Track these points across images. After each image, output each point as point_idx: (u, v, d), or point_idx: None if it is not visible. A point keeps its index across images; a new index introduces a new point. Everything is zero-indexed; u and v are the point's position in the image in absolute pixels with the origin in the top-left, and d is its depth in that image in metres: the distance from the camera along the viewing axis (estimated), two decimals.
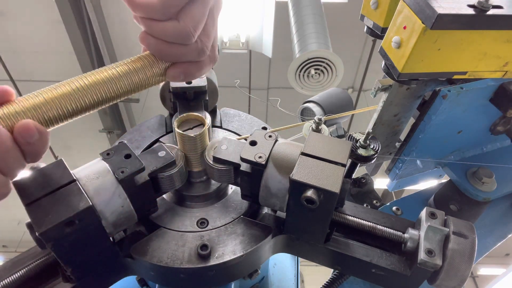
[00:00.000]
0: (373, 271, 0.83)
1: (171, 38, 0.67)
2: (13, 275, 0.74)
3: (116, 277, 0.85)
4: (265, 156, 0.78)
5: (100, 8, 5.80)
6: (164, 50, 0.69)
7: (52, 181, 0.69)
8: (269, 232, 0.84)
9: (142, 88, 0.72)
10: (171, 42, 0.68)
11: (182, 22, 0.65)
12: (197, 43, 0.70)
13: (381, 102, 1.14)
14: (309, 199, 0.71)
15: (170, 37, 0.67)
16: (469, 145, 1.25)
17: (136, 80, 0.70)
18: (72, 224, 0.65)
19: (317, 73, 4.15)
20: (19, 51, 6.26)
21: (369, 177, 1.40)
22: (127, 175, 0.73)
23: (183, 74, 0.73)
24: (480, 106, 1.09)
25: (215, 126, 1.10)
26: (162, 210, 0.89)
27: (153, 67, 0.71)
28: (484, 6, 0.74)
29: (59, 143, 7.66)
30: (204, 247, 0.79)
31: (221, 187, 0.95)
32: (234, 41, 5.41)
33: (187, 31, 0.66)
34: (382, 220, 0.85)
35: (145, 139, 1.04)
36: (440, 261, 0.73)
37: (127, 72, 0.69)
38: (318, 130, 1.02)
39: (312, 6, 4.38)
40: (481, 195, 1.14)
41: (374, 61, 6.18)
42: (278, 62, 6.37)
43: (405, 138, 1.18)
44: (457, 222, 0.77)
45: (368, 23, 1.09)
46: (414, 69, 0.84)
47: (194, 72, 0.75)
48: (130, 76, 0.69)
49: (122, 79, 0.68)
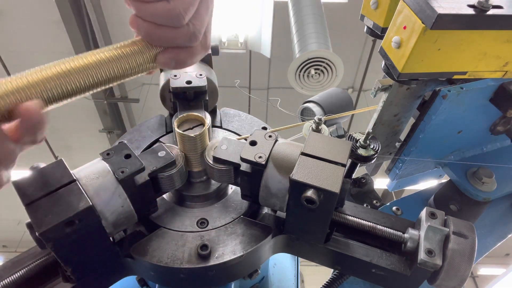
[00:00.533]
0: (373, 271, 0.83)
1: (160, 19, 0.66)
2: (13, 275, 0.74)
3: (116, 277, 0.85)
4: (265, 156, 0.78)
5: (100, 8, 5.80)
6: (154, 32, 0.67)
7: (52, 181, 0.69)
8: (269, 232, 0.84)
9: (131, 75, 0.70)
10: (161, 25, 0.66)
11: (172, 2, 0.64)
12: (188, 26, 0.68)
13: (381, 102, 1.14)
14: (309, 199, 0.70)
15: (160, 18, 0.65)
16: (469, 145, 1.25)
17: (125, 66, 0.67)
18: (72, 224, 0.65)
19: (317, 73, 4.15)
20: (19, 51, 6.26)
21: (369, 177, 1.40)
22: (127, 175, 0.73)
23: (174, 61, 0.71)
24: (480, 106, 1.09)
25: (215, 126, 1.10)
26: (162, 210, 0.89)
27: (143, 53, 0.69)
28: (484, 6, 0.74)
29: (59, 143, 7.65)
30: (204, 247, 0.79)
31: (221, 187, 0.95)
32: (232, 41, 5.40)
33: (177, 12, 0.64)
34: (382, 220, 0.85)
35: (145, 139, 1.04)
36: (440, 261, 0.73)
37: (116, 57, 0.66)
38: (318, 130, 1.02)
39: (312, 6, 4.38)
40: (481, 195, 1.14)
41: (374, 61, 6.18)
42: (278, 62, 6.36)
43: (405, 138, 1.18)
44: (457, 222, 0.77)
45: (368, 23, 1.09)
46: (414, 69, 0.84)
47: (185, 59, 0.73)
48: (119, 62, 0.67)
49: (109, 64, 0.66)
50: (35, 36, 6.04)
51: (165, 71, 1.11)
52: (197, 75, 1.01)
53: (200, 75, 1.01)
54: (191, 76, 1.01)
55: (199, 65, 1.11)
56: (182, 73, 1.02)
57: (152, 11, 0.65)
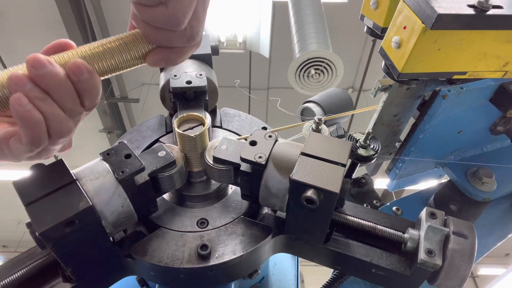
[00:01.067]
0: (373, 271, 0.83)
1: (160, 24, 0.66)
2: (13, 275, 0.74)
3: (116, 277, 0.85)
4: (265, 156, 0.78)
5: (100, 8, 5.81)
6: (152, 34, 0.68)
7: (52, 181, 0.69)
8: (269, 232, 0.84)
9: (121, 70, 0.70)
10: (160, 28, 0.67)
11: (171, 7, 0.64)
12: (186, 29, 0.68)
13: (381, 102, 1.14)
14: (309, 199, 0.70)
15: (159, 23, 0.66)
16: (469, 145, 1.24)
17: (115, 61, 0.68)
18: (72, 224, 0.65)
19: (317, 73, 4.15)
20: (19, 51, 6.26)
21: (369, 177, 1.40)
22: (127, 175, 0.73)
23: (163, 61, 0.72)
24: (480, 106, 1.09)
25: (215, 126, 1.10)
26: (162, 210, 0.89)
27: (133, 49, 0.69)
28: (484, 6, 0.74)
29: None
30: (204, 247, 0.79)
31: (221, 187, 0.95)
32: (231, 41, 5.39)
33: (176, 18, 0.64)
34: (382, 220, 0.85)
35: (145, 139, 1.04)
36: (440, 261, 0.73)
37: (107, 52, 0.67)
38: (318, 130, 1.02)
39: (312, 6, 4.38)
40: (481, 195, 1.14)
41: (374, 61, 6.18)
42: (278, 62, 6.37)
43: (405, 138, 1.18)
44: (457, 222, 0.77)
45: (368, 23, 1.09)
46: (414, 69, 0.84)
47: (176, 58, 0.73)
48: (109, 57, 0.67)
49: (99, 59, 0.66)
50: (35, 36, 6.03)
51: (165, 71, 1.11)
52: (197, 75, 1.01)
53: (200, 75, 1.01)
54: (191, 76, 1.01)
55: (199, 65, 1.11)
56: (182, 73, 1.02)
57: (151, 15, 0.65)
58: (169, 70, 1.09)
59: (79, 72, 0.61)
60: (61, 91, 0.60)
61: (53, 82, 0.59)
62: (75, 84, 0.62)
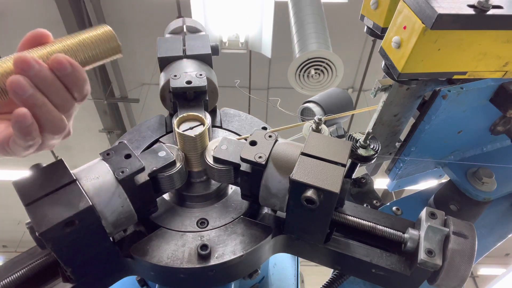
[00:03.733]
0: (373, 271, 0.83)
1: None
2: (13, 275, 0.74)
3: (116, 277, 0.85)
4: (265, 156, 0.78)
5: (100, 8, 5.80)
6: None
7: (52, 181, 0.69)
8: (269, 232, 0.84)
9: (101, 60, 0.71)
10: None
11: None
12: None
13: (381, 102, 1.14)
14: (309, 199, 0.70)
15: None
16: (469, 145, 1.24)
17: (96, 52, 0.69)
18: (72, 224, 0.65)
19: (317, 73, 4.15)
20: None
21: (369, 177, 1.40)
22: (127, 175, 0.73)
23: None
24: (480, 106, 1.09)
25: (215, 126, 1.10)
26: (162, 210, 0.89)
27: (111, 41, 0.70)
28: (484, 6, 0.74)
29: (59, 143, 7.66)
30: (204, 247, 0.79)
31: (221, 187, 0.95)
32: (233, 41, 5.38)
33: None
34: (382, 220, 0.85)
35: (145, 139, 1.04)
36: (440, 261, 0.73)
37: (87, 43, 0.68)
38: (318, 130, 1.02)
39: (312, 6, 4.38)
40: (481, 195, 1.14)
41: (374, 61, 6.18)
42: (278, 62, 6.36)
43: (405, 138, 1.18)
44: (457, 222, 0.77)
45: (368, 23, 1.09)
46: (414, 69, 0.84)
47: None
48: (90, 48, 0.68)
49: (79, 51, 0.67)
50: None
51: (165, 71, 1.11)
52: (197, 75, 1.01)
53: (200, 75, 1.01)
54: (191, 76, 1.01)
55: (199, 65, 1.11)
56: (182, 73, 1.02)
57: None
58: (169, 70, 1.09)
59: (63, 67, 0.62)
60: (50, 89, 0.62)
61: (43, 82, 0.61)
62: (61, 79, 0.63)
